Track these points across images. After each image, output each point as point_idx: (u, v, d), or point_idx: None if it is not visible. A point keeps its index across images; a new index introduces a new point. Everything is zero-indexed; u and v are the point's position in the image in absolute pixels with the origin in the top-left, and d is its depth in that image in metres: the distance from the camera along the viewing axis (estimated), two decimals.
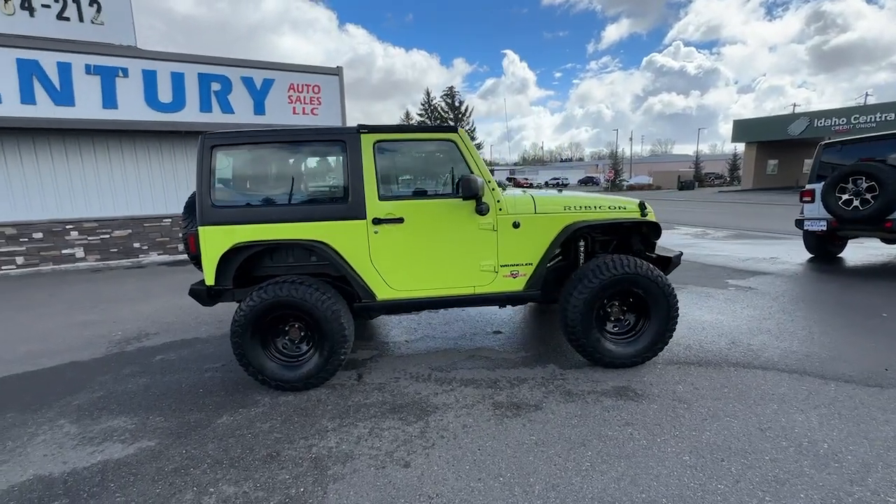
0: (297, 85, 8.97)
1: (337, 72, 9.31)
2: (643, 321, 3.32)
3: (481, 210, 3.18)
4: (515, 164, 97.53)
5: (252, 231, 3.12)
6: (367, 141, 3.16)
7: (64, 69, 7.08)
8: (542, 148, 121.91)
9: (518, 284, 3.35)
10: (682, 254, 3.77)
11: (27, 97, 6.93)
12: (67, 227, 7.94)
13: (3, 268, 7.67)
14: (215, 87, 8.22)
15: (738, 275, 6.12)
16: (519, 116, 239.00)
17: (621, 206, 3.46)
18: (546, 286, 3.49)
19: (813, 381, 3.01)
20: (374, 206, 3.15)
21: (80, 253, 8.10)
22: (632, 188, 41.39)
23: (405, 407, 2.93)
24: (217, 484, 2.26)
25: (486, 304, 3.54)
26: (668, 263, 3.59)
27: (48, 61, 6.97)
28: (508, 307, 4.84)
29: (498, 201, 3.25)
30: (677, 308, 3.25)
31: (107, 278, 7.40)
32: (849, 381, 2.98)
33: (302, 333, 3.24)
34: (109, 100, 7.47)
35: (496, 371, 3.39)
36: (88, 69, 7.24)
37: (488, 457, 2.37)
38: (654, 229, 3.56)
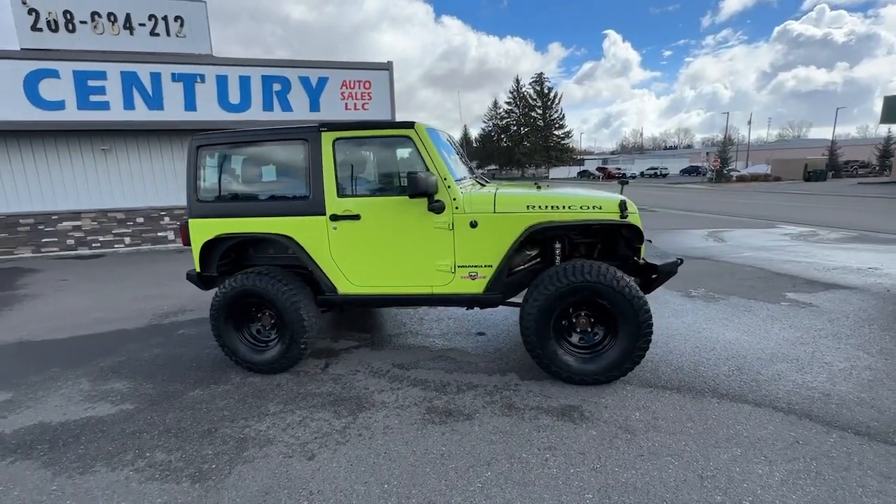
0: (350, 82, 9.40)
1: (387, 67, 9.56)
2: (609, 336, 2.99)
3: (434, 208, 3.09)
4: (612, 153, 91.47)
5: (229, 224, 3.40)
6: (326, 139, 3.24)
7: (155, 78, 8.29)
8: (641, 135, 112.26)
9: (477, 287, 3.21)
10: (680, 261, 3.28)
11: (128, 103, 8.26)
12: (161, 213, 9.36)
13: (115, 246, 9.30)
14: (276, 87, 8.97)
15: (807, 287, 5.14)
16: (619, 101, 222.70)
17: (596, 206, 3.10)
18: (522, 289, 3.30)
19: (811, 426, 2.45)
20: (333, 203, 3.23)
21: (170, 236, 9.50)
22: (742, 179, 36.36)
23: (346, 400, 3.01)
24: (154, 451, 2.55)
25: (446, 305, 3.46)
26: (656, 273, 3.16)
27: (143, 72, 8.21)
28: (504, 308, 4.64)
29: (454, 199, 3.13)
30: (650, 324, 2.86)
31: (185, 258, 8.58)
32: (860, 433, 2.38)
33: (272, 321, 3.47)
34: (190, 103, 8.57)
35: (453, 374, 3.30)
36: (174, 77, 8.39)
37: (389, 462, 2.34)
38: (635, 233, 3.13)
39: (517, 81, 62.00)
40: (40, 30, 8.00)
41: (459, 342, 3.92)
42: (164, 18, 8.43)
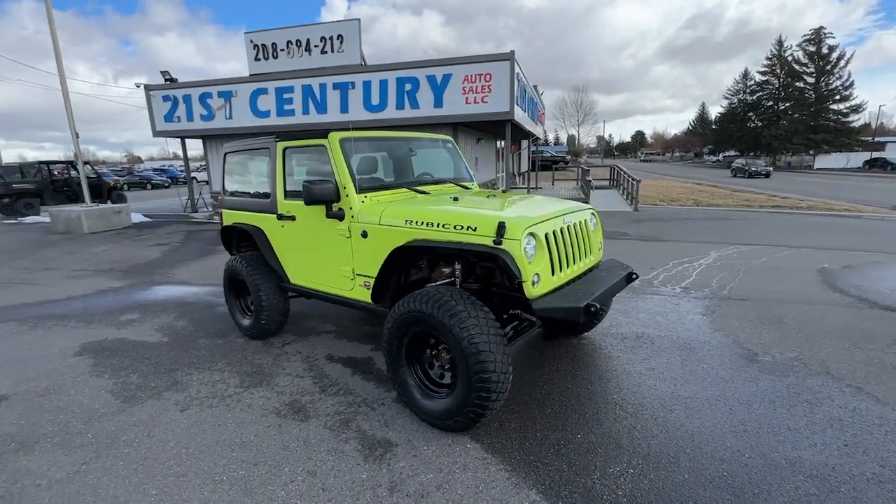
0: (471, 76, 9.55)
1: (508, 56, 9.27)
2: (455, 379, 2.60)
3: (333, 216, 3.25)
4: None
5: (234, 216, 4.33)
6: (279, 148, 3.74)
7: (322, 89, 10.39)
8: None
9: (368, 296, 3.24)
10: (594, 308, 2.53)
11: (305, 110, 10.65)
12: None
13: None
14: (407, 87, 9.92)
15: None
16: None
17: (470, 227, 2.68)
18: None
19: None
20: (282, 204, 3.75)
21: None
22: None
23: (260, 374, 3.57)
24: (130, 375, 3.66)
25: (354, 308, 3.55)
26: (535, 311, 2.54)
27: (315, 84, 10.40)
28: None
29: (350, 208, 3.21)
30: (482, 378, 2.38)
31: None
32: None
33: (249, 299, 4.27)
34: (344, 107, 10.40)
35: (354, 377, 3.44)
36: (334, 86, 10.32)
37: (201, 434, 2.80)
38: (511, 264, 2.53)
39: (780, 43, 48.50)
40: (259, 59, 11.09)
41: None
42: (330, 38, 10.41)
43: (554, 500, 2.14)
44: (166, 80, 11.62)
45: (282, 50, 10.97)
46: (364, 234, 3.14)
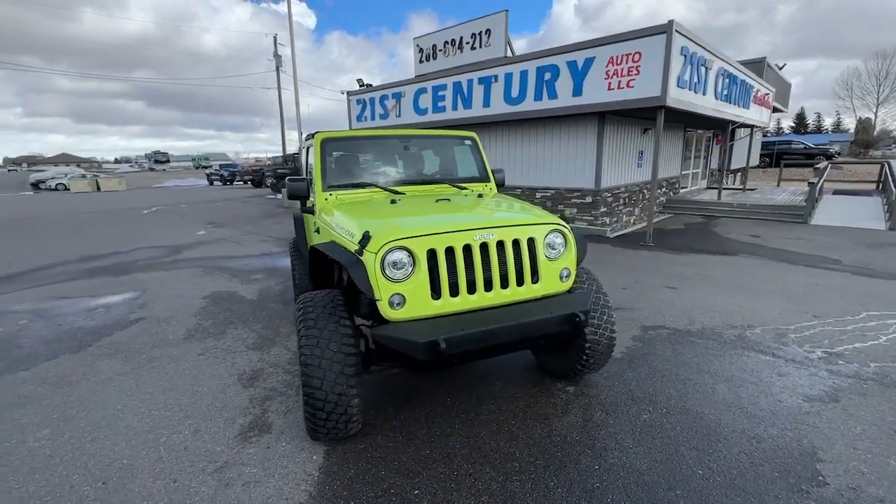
0: (617, 57, 8.13)
1: (664, 29, 7.45)
2: None
3: (307, 210, 3.56)
4: None
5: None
6: (316, 141, 4.16)
7: (469, 84, 10.66)
8: None
9: None
10: (434, 345, 2.15)
11: (454, 106, 11.15)
12: None
13: None
14: (547, 76, 9.19)
15: None
16: None
17: (352, 234, 2.55)
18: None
19: None
20: (319, 195, 4.22)
21: None
22: None
23: (263, 340, 4.25)
24: (207, 320, 4.89)
25: None
26: None
27: (463, 80, 10.74)
28: None
29: (315, 204, 3.44)
30: (309, 389, 2.34)
31: None
32: None
33: None
34: (486, 101, 10.42)
35: None
36: (480, 81, 10.44)
37: (170, 361, 3.57)
38: (359, 276, 2.30)
39: None
40: (422, 62, 12.08)
41: None
42: (479, 34, 10.48)
43: None
44: (361, 86, 14.00)
45: (440, 51, 11.74)
46: (318, 231, 3.33)
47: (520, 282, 2.62)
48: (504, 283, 2.58)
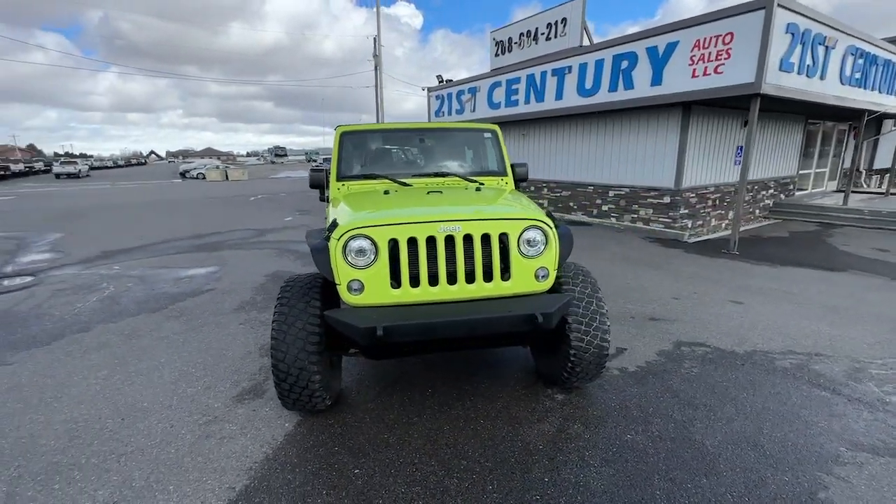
0: (704, 40, 7.15)
1: (763, 4, 6.33)
2: None
3: (325, 199, 3.82)
4: None
5: None
6: (336, 134, 4.44)
7: (542, 76, 10.25)
8: None
9: None
10: (371, 331, 2.23)
11: (527, 99, 10.83)
12: (542, 184, 11.72)
13: None
14: (624, 64, 8.45)
15: None
16: None
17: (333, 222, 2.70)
18: None
19: None
20: (332, 185, 4.53)
21: (545, 203, 11.77)
22: None
23: None
24: (258, 296, 5.50)
25: None
26: None
27: (537, 73, 10.37)
28: None
29: (329, 193, 3.68)
30: (274, 361, 2.53)
31: None
32: None
33: None
34: (559, 94, 9.93)
35: None
36: (553, 72, 9.98)
37: (194, 329, 4.09)
38: (321, 261, 2.44)
39: None
40: (497, 55, 11.89)
41: None
42: (555, 24, 9.98)
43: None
44: (440, 82, 14.29)
45: (515, 43, 11.45)
46: (326, 219, 3.55)
47: (488, 278, 2.55)
48: (471, 279, 2.53)
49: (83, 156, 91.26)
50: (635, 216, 9.51)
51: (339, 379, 3.11)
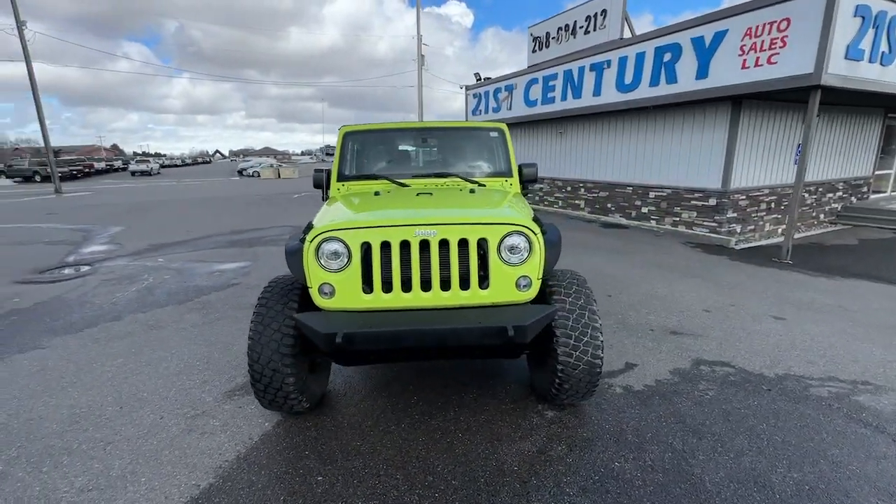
0: (756, 28, 6.47)
1: None
2: None
3: (325, 197, 3.84)
4: None
5: None
6: (339, 134, 4.43)
7: (580, 71, 9.80)
8: None
9: None
10: (331, 337, 2.19)
11: (563, 96, 10.41)
12: (578, 185, 11.24)
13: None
14: (667, 57, 7.85)
15: None
16: None
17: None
18: None
19: None
20: (333, 185, 4.53)
21: (582, 204, 11.29)
22: None
23: None
24: None
25: None
26: None
27: (574, 69, 9.93)
28: None
29: (330, 193, 3.69)
30: (249, 360, 2.53)
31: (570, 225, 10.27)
32: None
33: None
34: (597, 90, 9.44)
35: None
36: (591, 67, 9.51)
37: (202, 324, 4.22)
38: (294, 262, 2.42)
39: None
40: (535, 51, 11.51)
41: None
42: (594, 16, 9.49)
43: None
44: (477, 80, 14.10)
45: (553, 38, 11.03)
46: None
47: (465, 286, 2.42)
48: (447, 286, 2.41)
49: (157, 155, 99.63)
50: (677, 219, 8.88)
51: (325, 382, 3.10)
